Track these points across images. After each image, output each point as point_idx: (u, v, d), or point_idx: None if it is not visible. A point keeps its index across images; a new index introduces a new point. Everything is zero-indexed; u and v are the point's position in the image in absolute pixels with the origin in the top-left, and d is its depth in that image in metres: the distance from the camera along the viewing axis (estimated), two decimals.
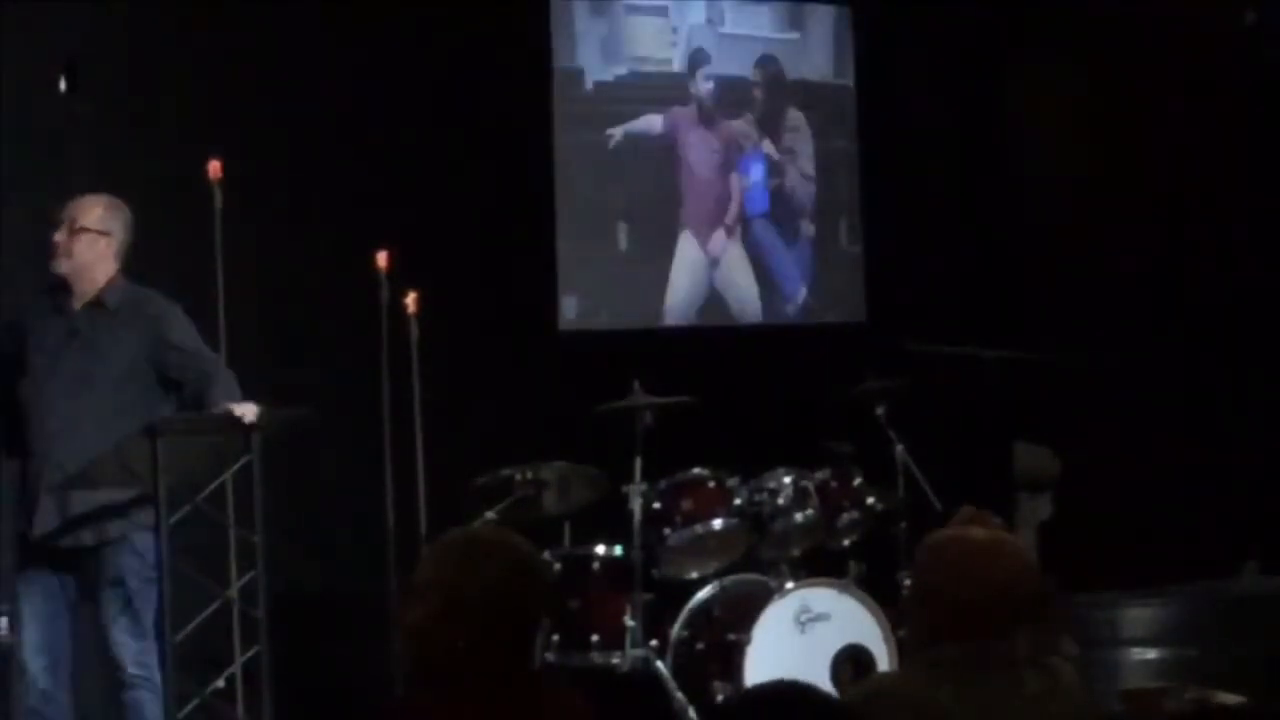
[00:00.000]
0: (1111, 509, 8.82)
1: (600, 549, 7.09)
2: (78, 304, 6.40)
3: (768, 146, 9.32)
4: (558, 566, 7.02)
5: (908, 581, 6.04)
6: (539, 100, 8.64)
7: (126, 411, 6.26)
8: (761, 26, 9.37)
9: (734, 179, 9.22)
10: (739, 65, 9.27)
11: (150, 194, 7.29)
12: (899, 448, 7.51)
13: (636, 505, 7.06)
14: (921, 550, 3.96)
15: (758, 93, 9.30)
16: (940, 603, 3.85)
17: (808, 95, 9.44)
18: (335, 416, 7.01)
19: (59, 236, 6.39)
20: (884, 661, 7.01)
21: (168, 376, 6.37)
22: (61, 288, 6.42)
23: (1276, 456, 8.69)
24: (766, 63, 9.33)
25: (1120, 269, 9.27)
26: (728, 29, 9.25)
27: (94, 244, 6.40)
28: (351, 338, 7.34)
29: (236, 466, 6.27)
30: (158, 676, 6.23)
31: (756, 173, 9.30)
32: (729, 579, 7.26)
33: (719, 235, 9.18)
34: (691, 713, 6.78)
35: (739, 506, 7.22)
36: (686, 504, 7.19)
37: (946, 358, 8.15)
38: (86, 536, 6.26)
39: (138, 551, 6.26)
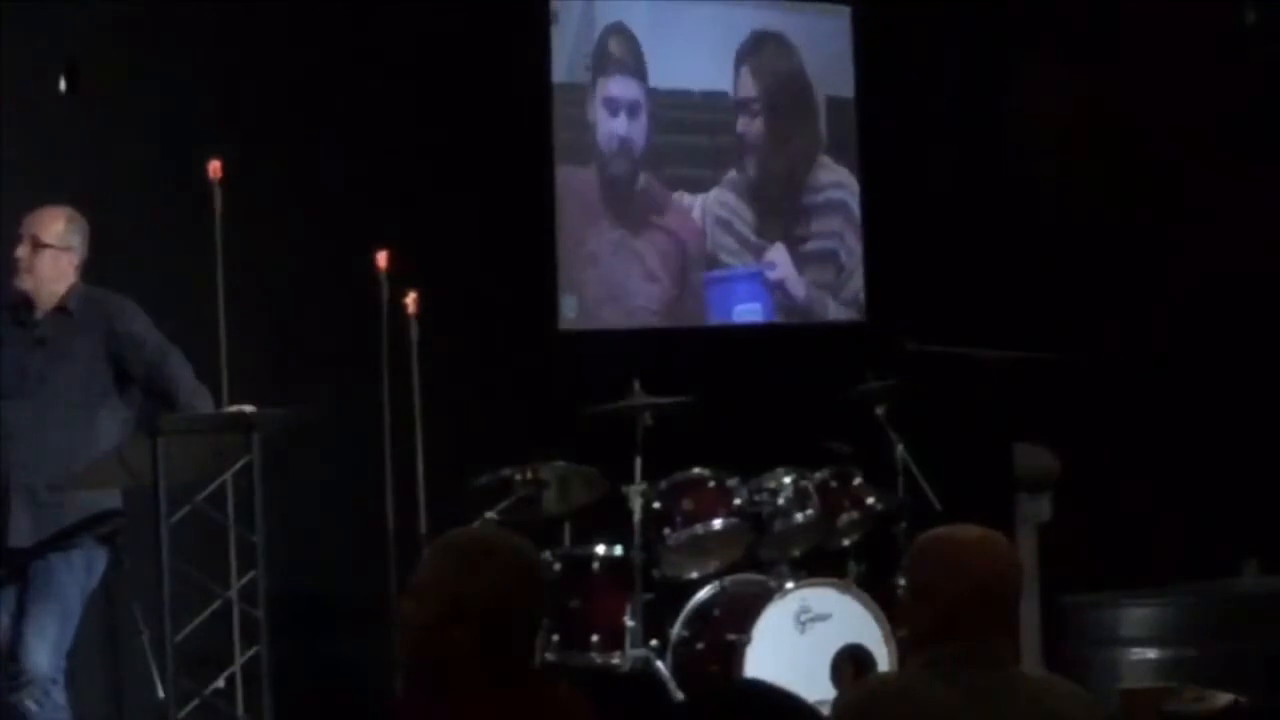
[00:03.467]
0: (1111, 509, 8.82)
1: (600, 549, 7.10)
2: (40, 314, 6.38)
3: (764, 146, 9.30)
4: (558, 566, 7.02)
5: (901, 582, 6.06)
6: (539, 100, 8.62)
7: (91, 412, 6.27)
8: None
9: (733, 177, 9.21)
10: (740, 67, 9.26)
11: (150, 194, 7.31)
12: (899, 448, 7.52)
13: (636, 505, 7.06)
14: (913, 550, 3.95)
15: (758, 83, 9.28)
16: (935, 602, 3.84)
17: (806, 100, 9.43)
18: (335, 416, 7.02)
19: (21, 252, 6.36)
20: (884, 661, 7.02)
21: (124, 369, 6.35)
22: (23, 301, 6.41)
23: (1276, 456, 8.69)
24: (770, 51, 9.31)
25: (1120, 269, 9.27)
26: None
27: (56, 260, 6.38)
28: (351, 337, 7.34)
29: (236, 466, 6.27)
30: (59, 698, 6.21)
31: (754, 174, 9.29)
32: (729, 579, 7.26)
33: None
34: None
35: (739, 506, 7.22)
36: (686, 504, 7.19)
37: (946, 358, 8.14)
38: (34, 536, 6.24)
39: (78, 565, 6.25)
